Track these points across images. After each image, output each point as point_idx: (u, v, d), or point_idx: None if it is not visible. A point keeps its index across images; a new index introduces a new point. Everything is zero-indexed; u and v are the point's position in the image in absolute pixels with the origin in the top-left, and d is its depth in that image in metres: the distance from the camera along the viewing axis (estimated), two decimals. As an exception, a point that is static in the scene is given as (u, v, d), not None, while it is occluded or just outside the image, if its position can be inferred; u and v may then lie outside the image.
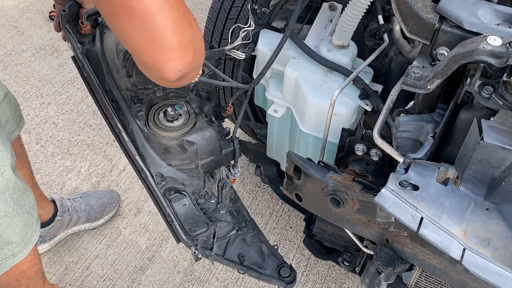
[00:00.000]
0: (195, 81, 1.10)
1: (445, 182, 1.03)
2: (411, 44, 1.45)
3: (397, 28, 1.41)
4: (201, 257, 1.25)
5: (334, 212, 1.19)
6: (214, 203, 1.36)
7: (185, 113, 1.29)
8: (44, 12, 2.95)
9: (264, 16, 1.54)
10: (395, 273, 1.24)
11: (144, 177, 1.28)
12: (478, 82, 1.00)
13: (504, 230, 0.97)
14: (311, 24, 1.52)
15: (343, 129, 1.33)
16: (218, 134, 1.30)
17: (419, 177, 1.02)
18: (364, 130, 1.29)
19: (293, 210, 2.13)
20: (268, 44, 1.44)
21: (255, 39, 1.47)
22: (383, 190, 0.99)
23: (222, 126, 1.35)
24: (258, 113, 1.86)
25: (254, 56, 1.51)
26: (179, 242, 1.29)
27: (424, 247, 1.07)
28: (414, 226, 0.95)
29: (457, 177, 1.04)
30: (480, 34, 1.00)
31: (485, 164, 0.97)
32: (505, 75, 0.96)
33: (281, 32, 1.49)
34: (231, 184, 1.38)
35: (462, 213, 0.99)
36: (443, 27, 1.05)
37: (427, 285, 1.26)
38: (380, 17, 1.40)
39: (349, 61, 1.39)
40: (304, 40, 1.45)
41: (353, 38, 1.41)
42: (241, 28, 1.44)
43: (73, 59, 1.41)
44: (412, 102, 1.21)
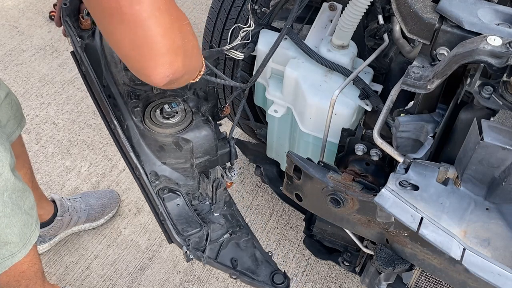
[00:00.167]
0: (195, 81, 1.11)
1: (445, 182, 1.03)
2: (411, 44, 1.45)
3: (397, 28, 1.41)
4: (192, 258, 1.22)
5: (334, 212, 1.19)
6: (208, 205, 1.34)
7: (182, 111, 1.28)
8: (44, 12, 2.95)
9: (264, 16, 1.54)
10: (395, 273, 1.24)
11: (138, 175, 1.27)
12: (478, 82, 1.00)
13: (504, 230, 0.97)
14: (311, 24, 1.52)
15: (343, 129, 1.33)
16: (214, 134, 1.29)
17: (419, 177, 1.02)
18: (364, 130, 1.29)
19: (293, 210, 2.12)
20: (268, 44, 1.44)
21: (255, 39, 1.47)
22: (383, 190, 0.99)
23: (219, 128, 1.35)
24: (258, 113, 1.86)
25: (254, 56, 1.52)
26: (171, 243, 1.27)
27: (424, 247, 1.07)
28: (414, 226, 0.95)
29: (457, 177, 1.04)
30: (480, 34, 1.00)
31: (485, 164, 0.97)
32: (505, 75, 0.96)
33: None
34: (225, 186, 1.37)
35: (462, 213, 0.99)
36: (443, 27, 1.05)
37: (427, 285, 1.26)
38: (380, 17, 1.40)
39: (349, 61, 1.39)
40: (304, 40, 1.45)
41: (353, 38, 1.41)
42: (241, 28, 1.44)
43: (72, 54, 1.41)
44: (412, 102, 1.21)
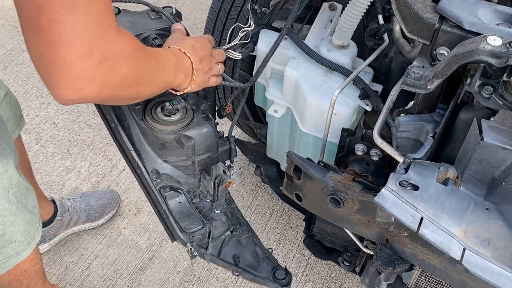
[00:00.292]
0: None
1: (445, 182, 1.03)
2: (411, 44, 1.45)
3: (397, 28, 1.41)
4: (196, 255, 1.23)
5: (334, 212, 1.19)
6: (209, 203, 1.35)
7: (183, 109, 1.29)
8: (44, 12, 2.95)
9: (264, 16, 1.54)
10: (395, 273, 1.24)
11: (140, 174, 1.27)
12: (478, 82, 1.00)
13: (504, 230, 0.97)
14: (311, 24, 1.52)
15: (343, 129, 1.33)
16: (215, 131, 1.30)
17: (419, 177, 1.02)
18: (364, 130, 1.29)
19: (293, 210, 2.13)
20: (268, 44, 1.44)
21: (255, 39, 1.47)
22: (383, 190, 0.99)
23: (216, 127, 1.35)
24: (258, 113, 1.86)
25: (254, 56, 1.52)
26: (174, 241, 1.28)
27: (424, 247, 1.07)
28: (414, 226, 0.95)
29: (457, 177, 1.04)
30: (480, 34, 1.00)
31: (485, 164, 0.97)
32: (505, 75, 0.96)
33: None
34: (226, 183, 1.38)
35: (462, 213, 0.99)
36: (443, 27, 1.05)
37: (427, 285, 1.26)
38: (380, 17, 1.40)
39: (349, 61, 1.39)
40: (304, 40, 1.45)
41: (353, 38, 1.41)
42: (241, 28, 1.44)
43: None
44: (412, 102, 1.21)
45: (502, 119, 0.96)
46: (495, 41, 0.94)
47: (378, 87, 1.41)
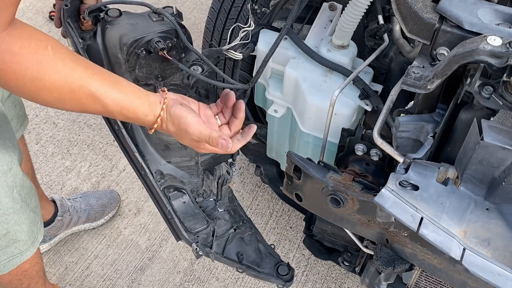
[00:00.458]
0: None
1: (445, 182, 1.03)
2: (411, 44, 1.45)
3: (397, 28, 1.41)
4: (202, 254, 1.24)
5: (334, 212, 1.19)
6: (213, 202, 1.36)
7: None
8: (44, 12, 2.95)
9: (264, 16, 1.54)
10: (395, 273, 1.24)
11: (144, 175, 1.28)
12: (478, 82, 1.00)
13: (504, 230, 0.97)
14: (311, 24, 1.52)
15: (343, 129, 1.33)
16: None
17: (419, 177, 1.02)
18: (364, 130, 1.29)
19: (293, 210, 2.13)
20: (268, 44, 1.44)
21: (255, 39, 1.47)
22: (383, 190, 0.99)
23: None
24: (258, 113, 1.86)
25: (254, 56, 1.52)
26: (179, 240, 1.29)
27: (424, 247, 1.07)
28: (414, 226, 0.95)
29: (457, 177, 1.04)
30: (480, 34, 1.00)
31: (485, 164, 0.97)
32: (505, 75, 0.96)
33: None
34: (230, 181, 1.38)
35: (462, 213, 0.99)
36: (443, 27, 1.05)
37: (427, 285, 1.26)
38: (380, 17, 1.40)
39: (349, 61, 1.39)
40: (304, 40, 1.45)
41: (353, 38, 1.41)
42: (241, 28, 1.44)
43: None
44: (412, 102, 1.21)
45: (502, 119, 0.96)
46: (495, 41, 0.94)
47: (378, 87, 1.41)
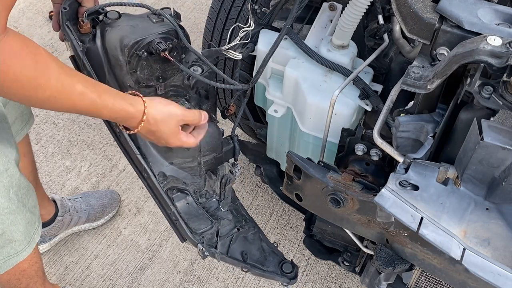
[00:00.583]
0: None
1: (445, 182, 1.03)
2: (411, 44, 1.45)
3: (397, 28, 1.41)
4: (207, 255, 1.25)
5: (334, 212, 1.19)
6: (215, 202, 1.36)
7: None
8: (44, 12, 2.94)
9: (264, 16, 1.54)
10: (395, 273, 1.24)
11: (146, 177, 1.28)
12: (478, 82, 1.00)
13: (504, 230, 0.97)
14: (311, 24, 1.52)
15: (343, 129, 1.33)
16: (220, 131, 1.30)
17: (419, 177, 1.02)
18: (364, 130, 1.29)
19: (293, 210, 2.12)
20: (268, 44, 1.44)
21: (255, 39, 1.47)
22: (383, 190, 0.99)
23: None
24: (258, 113, 1.86)
25: (254, 56, 1.52)
26: (184, 241, 1.29)
27: (424, 247, 1.07)
28: (414, 226, 0.95)
29: (457, 177, 1.04)
30: (480, 34, 1.00)
31: (485, 164, 0.97)
32: (505, 75, 0.96)
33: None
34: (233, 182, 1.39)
35: (462, 213, 0.99)
36: (443, 27, 1.05)
37: (427, 285, 1.26)
38: (380, 17, 1.40)
39: (349, 61, 1.39)
40: (304, 40, 1.45)
41: (353, 38, 1.41)
42: (241, 28, 1.44)
43: (72, 59, 1.40)
44: (412, 102, 1.21)
45: (502, 119, 0.96)
46: (495, 41, 0.94)
47: (378, 87, 1.41)
